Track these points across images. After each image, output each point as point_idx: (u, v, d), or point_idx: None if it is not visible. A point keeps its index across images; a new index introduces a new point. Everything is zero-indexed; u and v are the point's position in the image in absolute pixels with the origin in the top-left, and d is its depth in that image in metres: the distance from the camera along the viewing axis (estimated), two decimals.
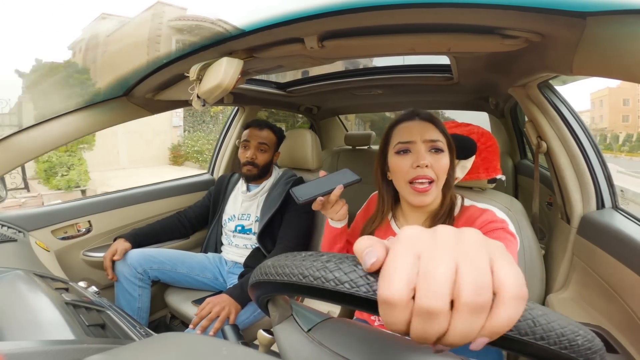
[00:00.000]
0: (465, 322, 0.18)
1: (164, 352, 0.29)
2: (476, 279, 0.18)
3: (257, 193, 1.29)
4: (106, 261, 1.11)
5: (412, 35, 0.66)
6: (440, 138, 0.69)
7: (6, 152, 0.89)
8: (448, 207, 0.72)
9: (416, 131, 0.69)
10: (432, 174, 0.67)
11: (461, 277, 0.19)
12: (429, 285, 0.19)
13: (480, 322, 0.19)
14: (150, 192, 1.45)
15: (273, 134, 1.31)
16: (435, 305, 0.18)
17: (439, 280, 0.18)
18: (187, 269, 1.22)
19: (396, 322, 0.20)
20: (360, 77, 1.37)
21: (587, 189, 0.88)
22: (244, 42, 0.71)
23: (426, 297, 0.18)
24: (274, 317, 0.36)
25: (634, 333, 0.65)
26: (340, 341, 0.31)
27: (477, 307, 0.18)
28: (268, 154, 1.29)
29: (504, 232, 0.64)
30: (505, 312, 0.18)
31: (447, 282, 0.18)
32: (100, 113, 1.00)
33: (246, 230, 1.28)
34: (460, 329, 0.19)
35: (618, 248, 0.71)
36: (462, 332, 0.19)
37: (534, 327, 0.20)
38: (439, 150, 0.68)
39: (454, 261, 0.19)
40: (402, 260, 0.20)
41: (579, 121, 0.92)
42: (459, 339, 0.19)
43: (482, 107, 1.83)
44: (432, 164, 0.67)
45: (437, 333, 0.19)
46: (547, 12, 0.49)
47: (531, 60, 0.74)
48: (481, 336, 0.19)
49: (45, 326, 0.40)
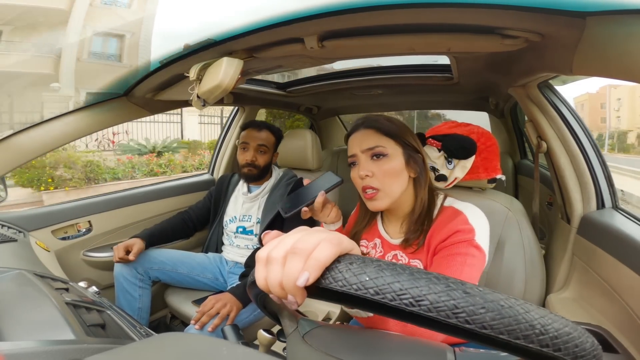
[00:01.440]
0: (289, 263, 0.26)
1: (164, 352, 0.29)
2: (305, 237, 0.27)
3: (258, 194, 1.29)
4: (119, 252, 1.09)
5: (412, 35, 0.66)
6: (380, 143, 0.67)
7: (6, 152, 0.89)
8: (421, 207, 0.69)
9: (356, 143, 0.69)
10: (376, 183, 0.67)
11: (297, 240, 0.27)
12: (276, 244, 0.28)
13: (299, 261, 0.26)
14: (150, 192, 1.45)
15: (272, 134, 1.31)
16: (274, 254, 0.27)
17: (282, 242, 0.28)
18: (187, 269, 1.22)
19: (260, 275, 0.28)
20: (360, 77, 1.37)
21: (587, 189, 0.88)
22: (244, 42, 0.71)
23: (273, 251, 0.28)
24: (286, 329, 0.38)
25: (634, 333, 0.65)
26: (332, 343, 0.31)
27: (297, 250, 0.26)
28: (268, 155, 1.29)
29: (467, 245, 0.61)
30: (320, 251, 0.25)
31: (288, 243, 0.27)
32: (100, 113, 1.00)
33: (247, 232, 1.28)
34: (286, 268, 0.26)
35: (618, 248, 0.71)
36: (287, 270, 0.26)
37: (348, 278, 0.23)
38: (380, 156, 0.67)
39: (300, 235, 0.28)
40: (284, 238, 0.29)
41: (579, 121, 0.92)
42: (286, 277, 0.26)
43: (482, 107, 1.83)
44: (374, 172, 0.67)
45: (275, 277, 0.27)
46: (547, 12, 0.49)
47: (531, 60, 0.74)
48: (304, 271, 0.25)
49: (45, 326, 0.40)
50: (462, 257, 0.60)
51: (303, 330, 0.34)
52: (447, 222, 0.65)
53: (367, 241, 0.80)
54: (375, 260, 0.23)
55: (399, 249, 0.72)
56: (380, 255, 0.76)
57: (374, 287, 0.22)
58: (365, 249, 0.79)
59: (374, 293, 0.21)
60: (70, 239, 1.20)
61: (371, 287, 0.22)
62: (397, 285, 0.21)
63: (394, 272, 0.22)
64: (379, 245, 0.77)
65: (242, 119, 1.72)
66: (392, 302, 0.21)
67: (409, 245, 0.69)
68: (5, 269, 0.58)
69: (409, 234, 0.69)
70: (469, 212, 0.66)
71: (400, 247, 0.72)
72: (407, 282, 0.21)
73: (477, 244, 0.61)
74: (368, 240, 0.80)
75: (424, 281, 0.21)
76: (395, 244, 0.73)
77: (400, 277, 0.21)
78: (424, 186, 0.70)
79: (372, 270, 0.22)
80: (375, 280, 0.22)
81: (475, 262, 0.60)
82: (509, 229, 0.86)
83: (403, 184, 0.69)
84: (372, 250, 0.78)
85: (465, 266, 0.59)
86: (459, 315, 0.20)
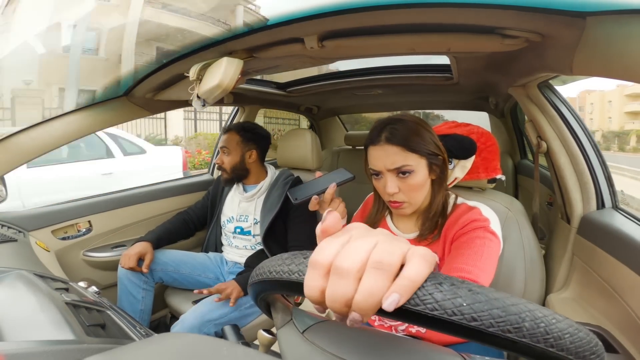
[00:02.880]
0: (370, 279, 0.21)
1: (164, 352, 0.29)
2: (387, 247, 0.22)
3: (254, 194, 1.28)
4: (132, 261, 1.08)
5: (412, 35, 0.66)
6: (407, 162, 0.67)
7: (6, 152, 0.89)
8: (438, 206, 0.73)
9: (381, 161, 0.69)
10: (403, 197, 0.69)
11: (375, 248, 0.22)
12: (346, 251, 0.22)
13: (385, 278, 0.21)
14: (150, 192, 1.45)
15: (236, 133, 1.28)
16: (345, 264, 0.21)
17: (354, 248, 0.22)
18: (189, 269, 1.22)
19: (314, 285, 0.23)
20: (360, 77, 1.37)
21: (587, 189, 0.88)
22: (244, 42, 0.71)
23: (339, 259, 0.22)
24: (276, 322, 0.37)
25: (634, 333, 0.65)
26: (333, 341, 0.31)
27: (382, 265, 0.21)
28: (232, 156, 1.26)
29: (484, 230, 0.66)
30: (412, 268, 0.21)
31: (362, 251, 0.22)
32: (101, 113, 1.00)
33: (245, 232, 1.28)
34: (366, 285, 0.21)
35: (618, 248, 0.71)
36: (367, 288, 0.21)
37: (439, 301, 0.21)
38: (406, 173, 0.68)
39: (375, 241, 0.22)
40: (335, 238, 0.24)
41: (579, 121, 0.92)
42: (364, 296, 0.21)
43: (482, 107, 1.83)
44: (401, 188, 0.69)
45: (344, 293, 0.21)
46: (547, 12, 0.49)
47: (531, 60, 0.74)
48: (392, 292, 0.20)
49: (45, 326, 0.40)
50: (481, 240, 0.65)
51: (302, 326, 0.34)
52: (462, 215, 0.71)
53: None
54: (462, 281, 0.22)
55: (412, 243, 0.73)
56: None
57: (471, 314, 0.20)
58: None
59: (471, 319, 0.20)
60: (70, 239, 1.20)
61: (468, 313, 0.20)
62: (495, 312, 0.20)
63: (489, 297, 0.21)
64: None
65: (242, 119, 1.72)
66: (490, 329, 0.20)
67: (423, 239, 0.72)
68: (5, 269, 0.58)
69: (424, 230, 0.73)
70: (481, 207, 0.72)
71: (413, 241, 0.74)
72: (502, 309, 0.20)
73: (492, 230, 0.67)
74: None
75: (520, 306, 0.21)
76: (408, 238, 0.75)
77: (498, 303, 0.21)
78: (443, 184, 0.74)
79: (466, 294, 0.21)
80: (473, 306, 0.20)
81: (492, 246, 0.65)
82: (509, 229, 0.86)
83: (426, 190, 0.72)
84: None
85: (484, 247, 0.64)
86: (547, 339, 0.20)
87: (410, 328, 0.73)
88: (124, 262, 1.09)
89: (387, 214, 0.81)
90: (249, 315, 1.10)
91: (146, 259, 1.11)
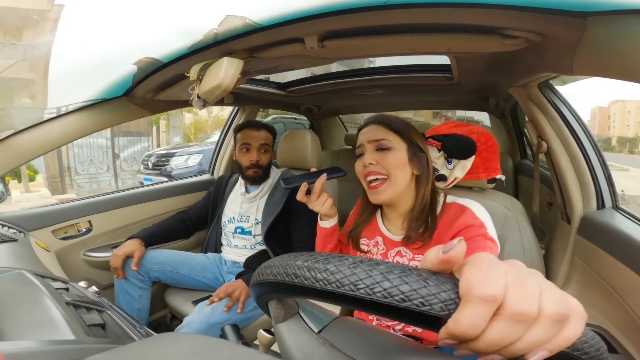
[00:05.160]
0: (541, 332, 0.19)
1: (164, 352, 0.29)
2: (557, 297, 0.20)
3: (256, 195, 1.28)
4: (118, 260, 1.08)
5: (412, 35, 0.66)
6: (386, 137, 0.71)
7: (6, 152, 0.89)
8: (422, 204, 0.71)
9: (364, 135, 0.74)
10: (381, 169, 0.71)
11: (546, 294, 0.20)
12: (525, 290, 0.19)
13: (553, 334, 0.19)
14: (150, 192, 1.45)
15: (269, 133, 1.30)
16: (529, 309, 0.19)
17: (531, 289, 0.20)
18: (187, 269, 1.22)
19: (477, 324, 0.19)
20: (360, 77, 1.37)
21: (588, 189, 0.88)
22: (244, 42, 0.71)
23: (522, 301, 0.19)
24: (278, 315, 0.35)
25: (634, 333, 0.65)
26: (355, 344, 0.30)
27: (559, 318, 0.19)
28: (269, 154, 1.29)
29: (483, 238, 0.64)
30: (573, 329, 0.20)
31: (535, 294, 0.19)
32: (101, 113, 1.00)
33: (246, 232, 1.28)
34: (534, 338, 0.19)
35: (618, 248, 0.71)
36: (534, 341, 0.19)
37: (585, 344, 0.21)
38: (384, 149, 0.71)
39: (537, 282, 0.20)
40: (496, 267, 0.20)
41: (579, 121, 0.92)
42: (526, 346, 0.19)
43: (482, 107, 1.83)
44: (378, 161, 0.71)
45: (514, 339, 0.19)
46: (547, 12, 0.49)
47: (531, 60, 0.74)
48: (544, 349, 0.19)
49: (45, 326, 0.40)
50: (482, 251, 0.62)
51: (316, 324, 0.32)
52: (455, 218, 0.68)
53: (368, 239, 0.80)
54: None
55: (402, 246, 0.74)
56: (383, 252, 0.76)
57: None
58: (366, 247, 0.79)
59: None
60: (71, 238, 1.20)
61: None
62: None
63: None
64: (381, 243, 0.77)
65: (242, 119, 1.72)
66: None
67: (412, 241, 0.71)
68: (5, 269, 0.58)
69: (410, 231, 0.71)
70: (474, 207, 0.69)
71: (402, 243, 0.73)
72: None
73: (490, 237, 0.65)
74: (369, 238, 0.80)
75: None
76: (397, 240, 0.75)
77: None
78: (426, 184, 0.72)
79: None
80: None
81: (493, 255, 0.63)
82: (509, 229, 0.86)
83: (406, 177, 0.71)
84: (373, 249, 0.78)
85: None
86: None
87: (407, 328, 0.73)
88: (112, 262, 1.10)
89: (378, 216, 0.81)
90: (252, 317, 1.10)
91: (135, 256, 1.10)
